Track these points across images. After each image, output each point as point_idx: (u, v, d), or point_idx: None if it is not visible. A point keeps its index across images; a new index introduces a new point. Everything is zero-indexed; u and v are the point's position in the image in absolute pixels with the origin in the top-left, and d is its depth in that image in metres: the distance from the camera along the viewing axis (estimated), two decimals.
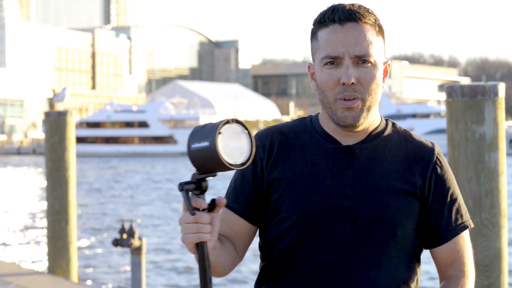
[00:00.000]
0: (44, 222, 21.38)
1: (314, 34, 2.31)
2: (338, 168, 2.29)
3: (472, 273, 2.33)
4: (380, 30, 2.29)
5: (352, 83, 2.22)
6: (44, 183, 32.38)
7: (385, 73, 2.33)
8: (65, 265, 9.66)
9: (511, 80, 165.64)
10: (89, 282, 13.72)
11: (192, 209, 2.05)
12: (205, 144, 2.02)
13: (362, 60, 2.23)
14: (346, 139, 2.32)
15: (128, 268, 13.65)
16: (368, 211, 2.25)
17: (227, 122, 2.04)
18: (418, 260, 2.34)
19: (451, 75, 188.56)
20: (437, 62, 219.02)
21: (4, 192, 34.30)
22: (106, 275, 14.61)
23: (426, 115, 75.82)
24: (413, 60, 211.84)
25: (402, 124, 2.38)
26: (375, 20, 2.28)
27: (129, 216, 23.72)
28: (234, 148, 2.04)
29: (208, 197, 2.09)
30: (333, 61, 2.24)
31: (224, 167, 2.02)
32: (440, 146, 2.52)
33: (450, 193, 2.31)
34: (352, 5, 2.27)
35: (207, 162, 2.03)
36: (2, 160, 73.64)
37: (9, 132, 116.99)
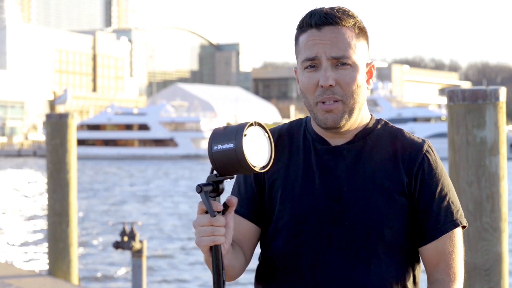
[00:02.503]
0: (44, 224, 21.39)
1: (296, 39, 2.33)
2: (327, 169, 2.30)
3: (460, 276, 2.29)
4: (361, 32, 2.29)
5: (330, 85, 2.23)
6: (45, 185, 32.42)
7: (370, 74, 2.33)
8: (65, 267, 9.66)
9: (511, 84, 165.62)
10: (89, 285, 13.73)
11: (213, 211, 2.04)
12: (229, 145, 2.01)
13: (340, 62, 2.24)
14: (335, 140, 2.33)
15: (129, 270, 13.66)
16: (355, 211, 2.26)
17: (251, 124, 2.04)
18: (414, 260, 2.32)
19: (452, 79, 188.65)
20: (438, 66, 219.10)
21: (4, 194, 34.31)
22: (107, 277, 14.62)
23: (427, 119, 75.84)
24: (414, 64, 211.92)
25: (402, 128, 2.33)
26: (354, 22, 2.28)
27: (130, 218, 23.73)
28: (257, 151, 2.04)
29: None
30: (313, 64, 2.25)
31: (247, 169, 2.02)
32: (441, 150, 2.51)
33: (438, 190, 2.28)
34: (331, 8, 2.28)
35: (230, 164, 2.02)
36: (3, 162, 73.65)
37: (10, 134, 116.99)
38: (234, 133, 2.02)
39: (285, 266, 2.30)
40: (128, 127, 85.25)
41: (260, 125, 2.06)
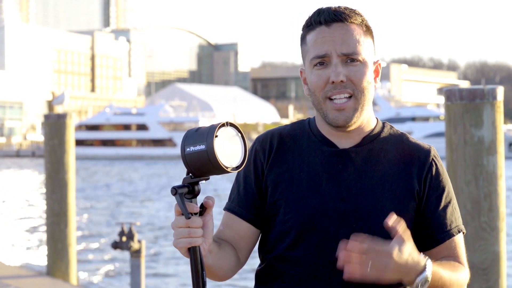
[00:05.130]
0: (43, 225, 21.38)
1: (303, 38, 2.33)
2: (334, 172, 2.30)
3: (467, 268, 2.32)
4: (368, 30, 2.31)
5: (342, 81, 2.24)
6: (43, 185, 32.39)
7: (377, 72, 2.34)
8: (64, 267, 9.66)
9: (510, 84, 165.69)
10: (88, 285, 13.72)
11: (187, 213, 2.04)
12: (201, 147, 2.01)
13: (350, 58, 2.25)
14: (342, 142, 2.33)
15: (128, 271, 13.66)
16: (363, 214, 2.26)
17: (223, 125, 2.04)
18: None
19: (450, 79, 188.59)
20: (437, 66, 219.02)
21: (3, 195, 34.29)
22: (105, 278, 14.61)
23: (425, 119, 75.81)
24: (413, 63, 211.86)
25: (401, 127, 2.34)
26: (361, 20, 2.30)
27: (129, 218, 23.72)
28: (229, 151, 2.04)
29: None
30: (322, 61, 2.26)
31: (220, 170, 2.01)
32: (439, 150, 2.53)
33: (444, 196, 2.32)
34: (338, 6, 2.30)
35: (203, 165, 2.02)
36: (1, 163, 73.61)
37: (8, 135, 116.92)
38: (205, 134, 2.02)
39: (291, 268, 2.30)
40: (127, 127, 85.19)
41: (232, 125, 2.05)
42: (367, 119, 2.34)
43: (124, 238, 9.62)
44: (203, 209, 2.10)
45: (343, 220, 2.27)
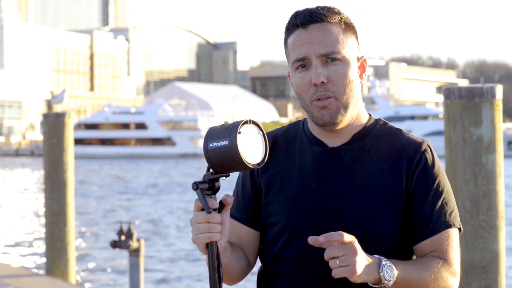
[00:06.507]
0: (42, 224, 21.39)
1: (285, 42, 2.33)
2: (324, 171, 2.30)
3: (456, 267, 2.25)
4: (348, 27, 2.29)
5: (322, 82, 2.23)
6: (42, 184, 32.38)
7: (362, 68, 2.33)
8: (63, 266, 9.66)
9: (509, 82, 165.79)
10: (87, 284, 13.72)
11: (208, 208, 2.07)
12: (224, 143, 2.04)
13: (330, 58, 2.24)
14: (332, 141, 2.33)
15: (127, 270, 13.66)
16: (353, 212, 2.26)
17: (246, 122, 2.07)
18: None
19: (450, 77, 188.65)
20: (436, 64, 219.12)
21: (2, 194, 34.29)
22: (104, 277, 14.61)
23: (424, 117, 75.88)
24: (412, 62, 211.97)
25: (400, 126, 2.32)
26: (340, 18, 2.28)
27: (128, 217, 23.72)
28: (251, 148, 2.07)
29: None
30: (303, 63, 2.26)
31: (242, 166, 2.05)
32: (438, 148, 2.51)
33: (433, 190, 2.28)
34: (316, 7, 2.29)
35: (225, 161, 2.05)
36: (0, 162, 73.60)
37: (7, 134, 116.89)
38: (228, 130, 2.05)
39: (285, 268, 2.31)
40: (126, 126, 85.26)
41: (254, 123, 2.09)
42: (356, 117, 2.32)
43: (123, 237, 9.62)
44: (222, 206, 2.13)
45: (333, 219, 2.26)
